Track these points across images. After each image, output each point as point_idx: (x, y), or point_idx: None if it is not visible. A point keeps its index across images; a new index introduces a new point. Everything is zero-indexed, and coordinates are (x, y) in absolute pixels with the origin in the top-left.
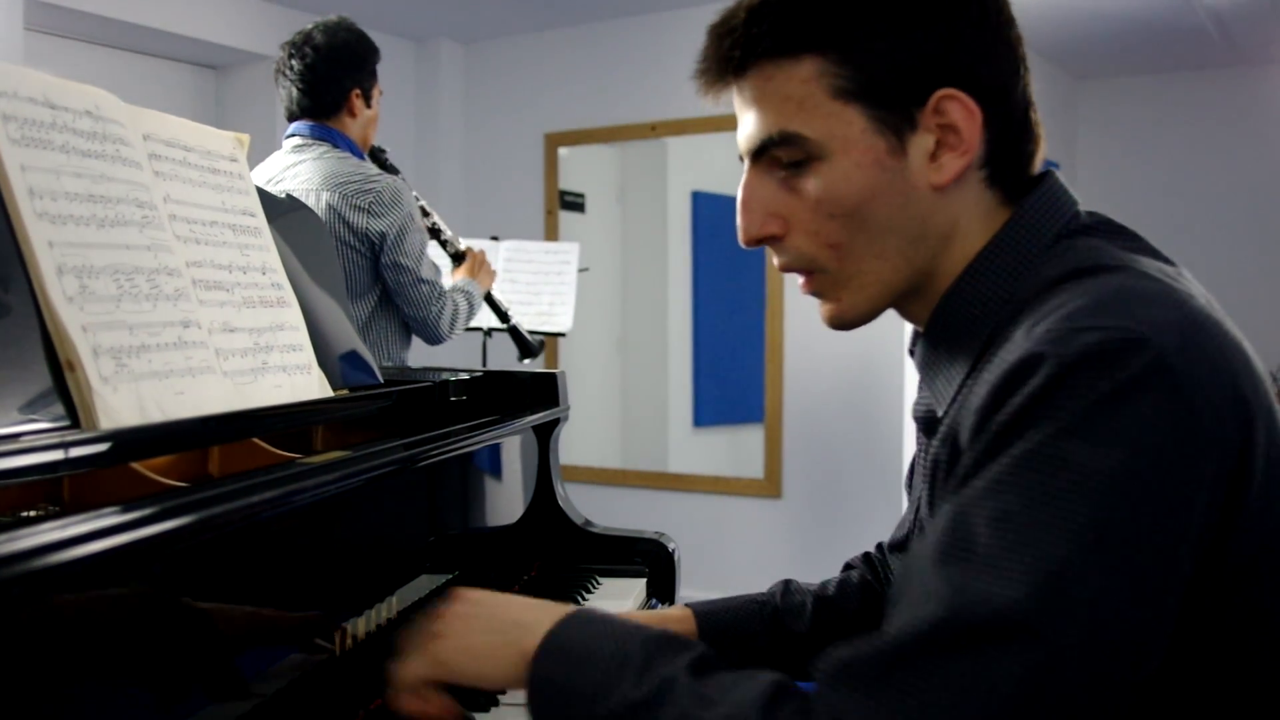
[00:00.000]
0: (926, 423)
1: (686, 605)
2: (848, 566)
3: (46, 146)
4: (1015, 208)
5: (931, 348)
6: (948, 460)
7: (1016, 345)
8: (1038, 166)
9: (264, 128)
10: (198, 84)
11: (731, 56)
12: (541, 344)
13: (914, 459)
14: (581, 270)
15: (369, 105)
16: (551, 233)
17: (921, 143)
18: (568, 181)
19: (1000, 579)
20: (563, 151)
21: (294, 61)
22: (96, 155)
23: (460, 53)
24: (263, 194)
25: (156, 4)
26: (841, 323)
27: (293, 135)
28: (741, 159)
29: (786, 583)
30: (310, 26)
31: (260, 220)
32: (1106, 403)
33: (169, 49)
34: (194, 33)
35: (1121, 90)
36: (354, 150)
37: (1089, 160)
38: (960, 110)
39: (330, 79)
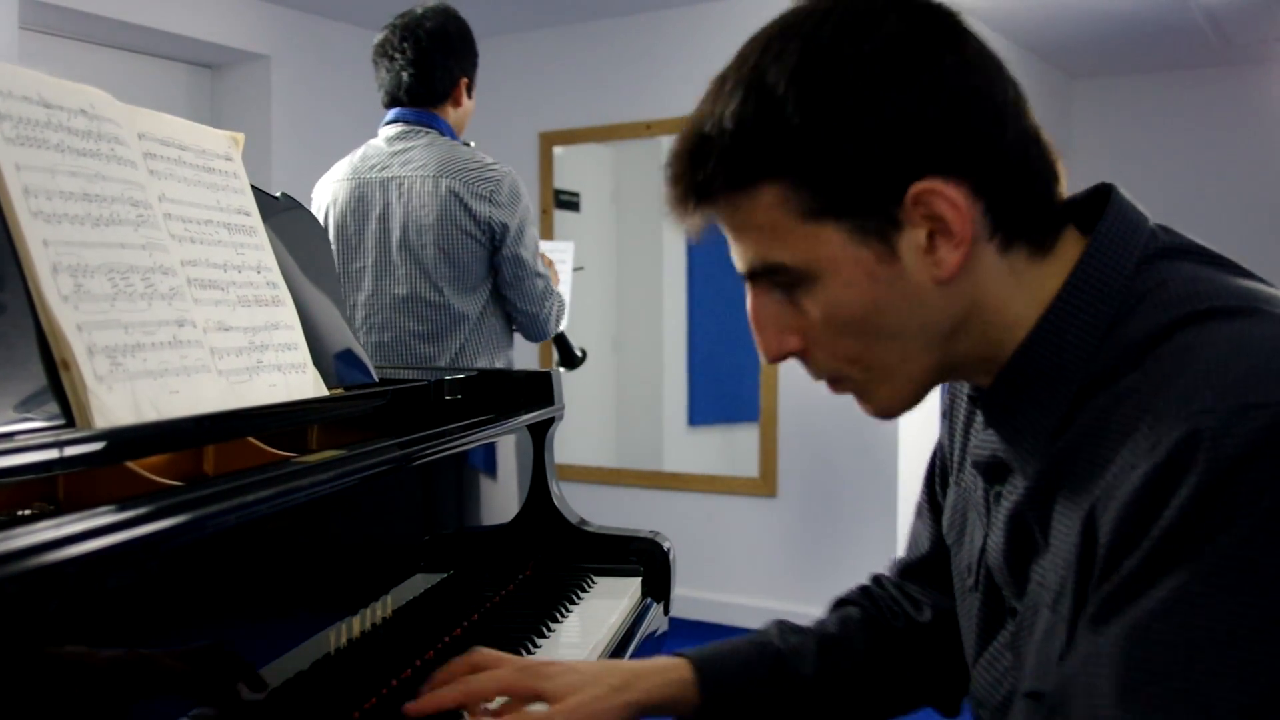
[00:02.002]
0: (989, 468)
1: (678, 654)
2: (841, 603)
3: (41, 145)
4: (1089, 240)
5: (1003, 401)
6: (1082, 543)
7: (1164, 418)
8: (1064, 187)
9: (259, 127)
10: (193, 83)
11: (688, 199)
12: (584, 355)
13: (956, 498)
14: (576, 269)
15: (469, 96)
16: (546, 232)
17: (912, 238)
18: (562, 180)
19: (1199, 713)
20: (557, 150)
21: (406, 45)
22: (91, 154)
23: None
24: (258, 193)
25: (152, 3)
26: (885, 417)
27: (395, 121)
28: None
29: (780, 622)
30: (419, 11)
31: (255, 219)
32: None
33: (164, 48)
34: (189, 32)
35: (1116, 89)
36: (456, 139)
37: (1083, 160)
38: (942, 202)
39: (444, 66)
